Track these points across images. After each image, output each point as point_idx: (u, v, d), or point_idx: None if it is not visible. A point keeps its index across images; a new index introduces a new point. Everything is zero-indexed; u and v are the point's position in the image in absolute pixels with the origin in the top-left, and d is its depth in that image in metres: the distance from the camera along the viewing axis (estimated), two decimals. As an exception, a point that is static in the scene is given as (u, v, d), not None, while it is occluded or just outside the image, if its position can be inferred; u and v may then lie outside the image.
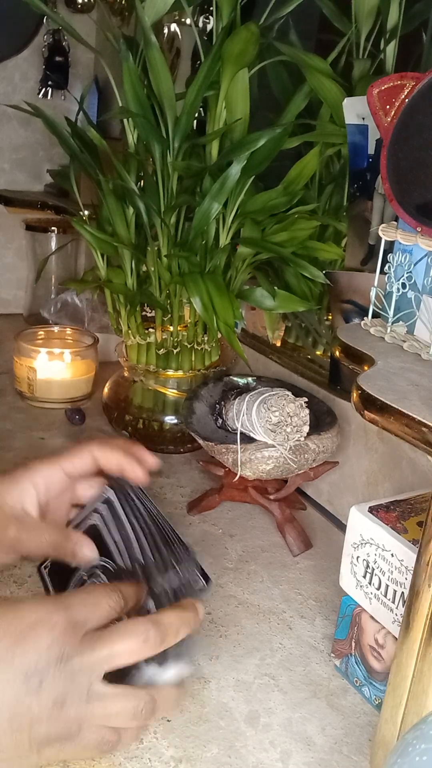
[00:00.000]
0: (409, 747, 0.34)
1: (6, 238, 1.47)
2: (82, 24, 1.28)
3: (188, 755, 0.50)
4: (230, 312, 0.79)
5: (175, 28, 1.19)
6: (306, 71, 0.75)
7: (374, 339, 0.51)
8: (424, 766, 0.33)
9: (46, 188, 1.48)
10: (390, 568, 0.52)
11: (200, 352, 0.91)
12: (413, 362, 0.47)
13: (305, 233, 0.80)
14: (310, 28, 0.90)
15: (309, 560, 0.75)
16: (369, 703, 0.57)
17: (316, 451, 0.72)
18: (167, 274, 0.84)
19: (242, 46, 0.73)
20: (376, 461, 0.76)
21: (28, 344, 1.08)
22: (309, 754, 0.52)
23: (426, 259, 0.49)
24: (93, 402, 1.09)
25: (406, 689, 0.46)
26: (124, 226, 0.85)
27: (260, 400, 0.72)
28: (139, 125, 0.81)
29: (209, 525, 0.79)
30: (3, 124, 1.42)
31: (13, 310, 1.49)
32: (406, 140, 0.48)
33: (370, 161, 0.69)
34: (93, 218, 0.94)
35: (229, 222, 0.81)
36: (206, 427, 0.80)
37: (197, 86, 0.76)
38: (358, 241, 0.73)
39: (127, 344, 0.92)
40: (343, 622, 0.59)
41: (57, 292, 1.41)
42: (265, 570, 0.72)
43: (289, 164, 0.80)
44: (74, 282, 1.09)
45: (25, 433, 0.97)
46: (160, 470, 0.90)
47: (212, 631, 0.63)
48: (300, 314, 0.90)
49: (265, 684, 0.58)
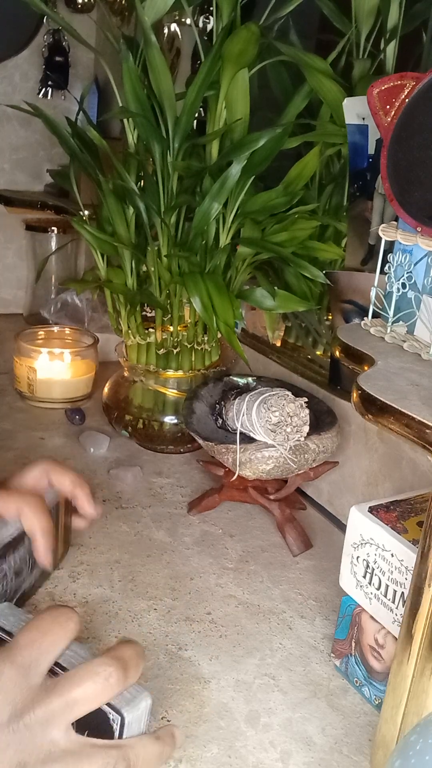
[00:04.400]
0: (410, 746, 0.34)
1: (6, 238, 1.47)
2: (82, 24, 1.28)
3: (188, 755, 0.50)
4: (230, 312, 0.79)
5: (175, 28, 1.19)
6: (306, 71, 0.75)
7: (374, 339, 0.51)
8: (425, 766, 0.33)
9: (46, 188, 1.48)
10: (390, 568, 0.52)
11: (200, 352, 0.91)
12: (413, 362, 0.47)
13: (305, 233, 0.80)
14: (310, 28, 0.90)
15: (309, 560, 0.75)
16: (369, 703, 0.57)
17: (316, 451, 0.72)
18: (167, 274, 0.84)
19: (242, 46, 0.73)
20: (376, 461, 0.76)
21: (28, 344, 1.08)
22: (309, 754, 0.52)
23: (426, 259, 0.49)
24: (93, 402, 1.09)
25: (406, 689, 0.46)
26: (124, 226, 0.85)
27: (260, 400, 0.72)
28: (139, 125, 0.81)
29: (209, 525, 0.79)
30: (3, 124, 1.42)
31: (13, 310, 1.49)
32: (406, 140, 0.48)
33: (370, 161, 0.69)
34: (93, 218, 0.94)
35: (229, 222, 0.81)
36: (206, 427, 0.80)
37: (197, 86, 0.76)
38: (358, 241, 0.73)
39: (127, 344, 0.92)
40: (343, 622, 0.59)
41: (57, 292, 1.41)
42: (265, 570, 0.72)
43: (289, 164, 0.80)
44: (74, 282, 1.09)
45: (25, 433, 0.97)
46: (159, 471, 0.91)
47: (212, 631, 0.63)
48: (300, 314, 0.90)
49: (265, 684, 0.58)
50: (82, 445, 0.94)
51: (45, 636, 0.37)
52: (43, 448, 0.93)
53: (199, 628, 0.63)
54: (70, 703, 0.35)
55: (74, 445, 0.95)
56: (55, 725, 0.35)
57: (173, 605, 0.65)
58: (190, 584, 0.69)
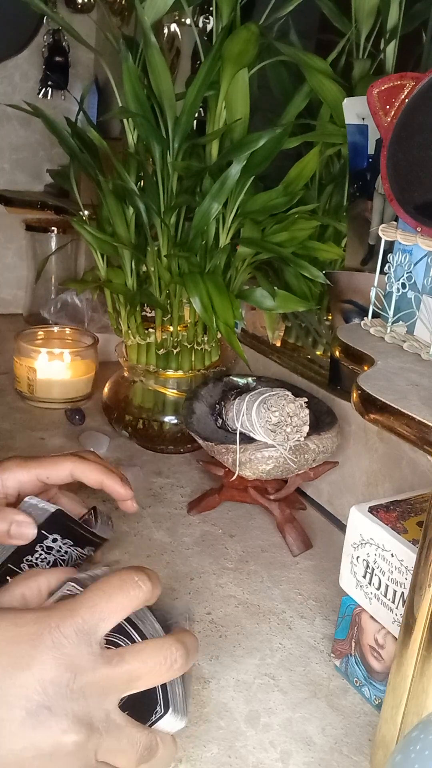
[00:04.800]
0: (411, 742, 0.34)
1: (6, 238, 1.47)
2: (82, 24, 1.28)
3: (188, 755, 0.50)
4: (230, 312, 0.79)
5: (175, 28, 1.19)
6: (306, 71, 0.75)
7: (374, 339, 0.51)
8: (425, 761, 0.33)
9: (46, 188, 1.48)
10: (390, 568, 0.52)
11: (200, 352, 0.91)
12: (413, 362, 0.47)
13: (305, 233, 0.80)
14: (310, 28, 0.90)
15: (309, 560, 0.75)
16: (369, 703, 0.57)
17: (316, 451, 0.72)
18: (167, 274, 0.84)
19: (242, 46, 0.73)
20: (376, 461, 0.76)
21: (28, 344, 1.08)
22: (309, 754, 0.52)
23: (426, 259, 0.49)
24: (93, 402, 1.09)
25: (406, 689, 0.46)
26: (124, 226, 0.85)
27: (260, 400, 0.72)
28: (139, 125, 0.81)
29: (209, 525, 0.79)
30: (3, 124, 1.42)
31: (13, 310, 1.49)
32: (406, 140, 0.48)
33: (370, 161, 0.69)
34: (93, 218, 0.94)
35: (229, 222, 0.81)
36: (206, 427, 0.80)
37: (197, 86, 0.76)
38: (358, 241, 0.73)
39: (127, 344, 0.92)
40: (343, 622, 0.59)
41: (57, 292, 1.41)
42: (265, 570, 0.72)
43: (289, 164, 0.80)
44: (74, 282, 1.09)
45: (25, 433, 0.97)
46: (159, 471, 0.91)
47: (212, 631, 0.63)
48: (300, 314, 0.90)
49: (265, 684, 0.58)
50: (82, 445, 0.94)
51: (108, 602, 0.36)
52: (43, 448, 0.93)
53: (199, 628, 0.63)
54: (133, 678, 0.35)
55: (74, 445, 0.95)
56: (112, 696, 0.35)
57: (173, 605, 0.65)
58: (190, 584, 0.69)
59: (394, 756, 0.35)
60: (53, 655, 0.33)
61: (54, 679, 0.33)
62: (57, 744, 0.33)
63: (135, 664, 0.35)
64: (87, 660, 0.34)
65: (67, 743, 0.33)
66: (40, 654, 0.33)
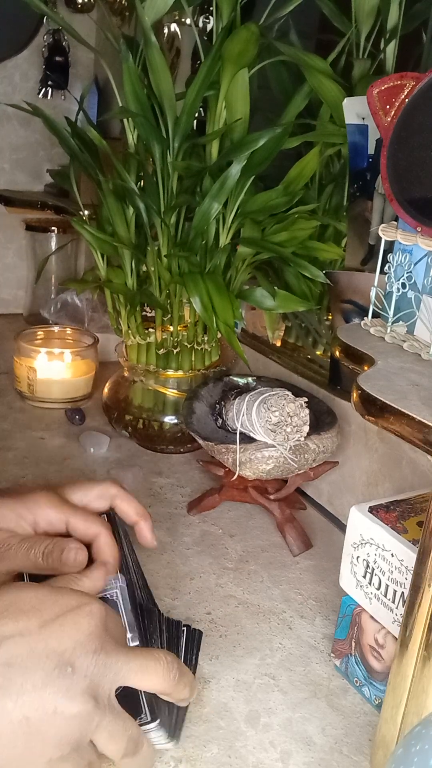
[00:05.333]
0: (412, 741, 0.34)
1: (6, 238, 1.47)
2: (82, 24, 1.28)
3: (188, 755, 0.50)
4: (230, 312, 0.79)
5: (175, 28, 1.19)
6: (306, 71, 0.75)
7: (374, 339, 0.51)
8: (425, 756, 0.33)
9: (46, 188, 1.48)
10: (390, 568, 0.52)
11: (200, 352, 0.91)
12: (413, 362, 0.47)
13: (305, 233, 0.80)
14: (310, 28, 0.90)
15: (309, 560, 0.75)
16: (369, 703, 0.57)
17: (316, 451, 0.72)
18: (167, 274, 0.84)
19: (242, 46, 0.73)
20: (376, 461, 0.76)
21: (28, 344, 1.08)
22: (309, 754, 0.52)
23: (426, 259, 0.49)
24: (93, 402, 1.09)
25: (406, 689, 0.46)
26: (124, 226, 0.85)
27: (260, 400, 0.72)
28: (139, 125, 0.81)
29: (209, 525, 0.79)
30: (3, 124, 1.42)
31: (13, 310, 1.49)
32: (406, 140, 0.48)
33: (370, 161, 0.69)
34: (93, 218, 0.94)
35: (229, 222, 0.81)
36: (206, 427, 0.80)
37: (197, 86, 0.76)
38: (358, 241, 0.73)
39: (127, 344, 0.92)
40: (343, 622, 0.59)
41: (57, 292, 1.41)
42: (265, 570, 0.72)
43: (289, 164, 0.80)
44: (74, 282, 1.09)
45: (25, 433, 0.97)
46: (159, 471, 0.91)
47: (212, 631, 0.63)
48: (300, 314, 0.90)
49: (265, 684, 0.58)
50: (82, 445, 0.94)
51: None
52: (43, 448, 0.93)
53: (199, 627, 0.63)
54: (137, 669, 0.38)
55: (74, 445, 0.95)
56: (118, 681, 0.37)
57: (173, 605, 0.65)
58: (189, 584, 0.69)
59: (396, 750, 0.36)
60: (88, 622, 0.37)
61: (84, 642, 0.36)
62: (66, 703, 0.35)
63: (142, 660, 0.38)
64: (110, 641, 0.38)
65: (75, 706, 0.35)
66: (77, 616, 0.37)
